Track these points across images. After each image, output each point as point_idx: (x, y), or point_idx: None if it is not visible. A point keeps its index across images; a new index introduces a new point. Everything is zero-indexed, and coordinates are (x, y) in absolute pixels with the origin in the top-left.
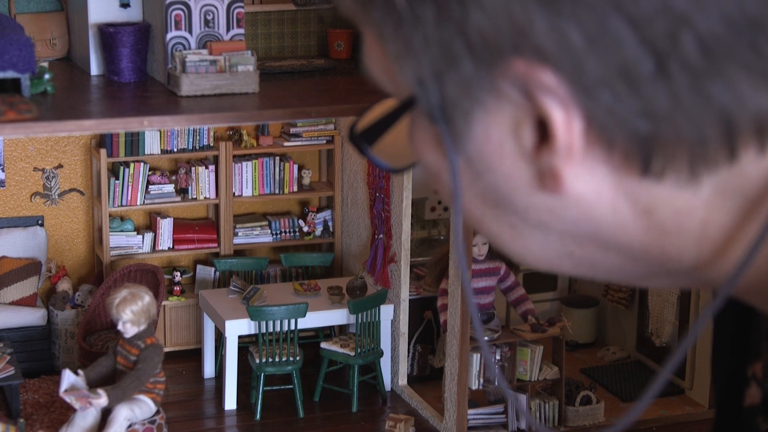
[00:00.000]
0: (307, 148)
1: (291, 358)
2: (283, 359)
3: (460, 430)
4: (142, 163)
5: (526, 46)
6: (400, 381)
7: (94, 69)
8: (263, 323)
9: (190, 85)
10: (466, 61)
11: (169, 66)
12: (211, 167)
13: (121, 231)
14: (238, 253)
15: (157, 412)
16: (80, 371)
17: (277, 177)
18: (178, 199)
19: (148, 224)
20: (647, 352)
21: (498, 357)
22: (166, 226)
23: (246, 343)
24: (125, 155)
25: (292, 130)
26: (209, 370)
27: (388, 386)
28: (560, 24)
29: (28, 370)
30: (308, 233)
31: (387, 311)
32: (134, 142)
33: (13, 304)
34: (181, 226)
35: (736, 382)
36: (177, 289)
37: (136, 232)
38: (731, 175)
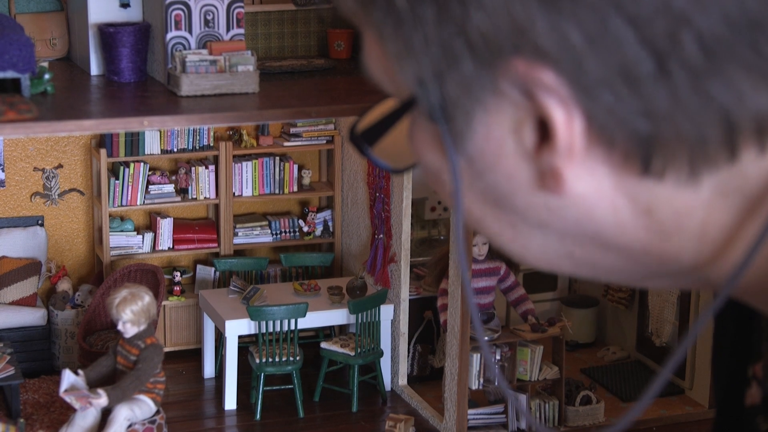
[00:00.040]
0: (307, 148)
1: (291, 358)
2: (283, 359)
3: (460, 430)
4: (142, 163)
5: (526, 46)
6: (400, 381)
7: (94, 69)
8: (263, 323)
9: (190, 85)
10: (467, 61)
11: (169, 66)
12: (211, 167)
13: (121, 231)
14: (238, 253)
15: (157, 412)
16: (80, 371)
17: (277, 177)
18: (178, 199)
19: (148, 224)
20: (647, 352)
21: (498, 357)
22: (166, 226)
23: (246, 343)
24: (125, 155)
25: (292, 130)
26: (209, 370)
27: (388, 386)
28: (561, 24)
29: (28, 370)
30: (308, 233)
31: (387, 311)
32: (134, 142)
33: (13, 304)
34: (181, 226)
35: (737, 382)
36: (177, 289)
37: (136, 232)
38: (731, 175)
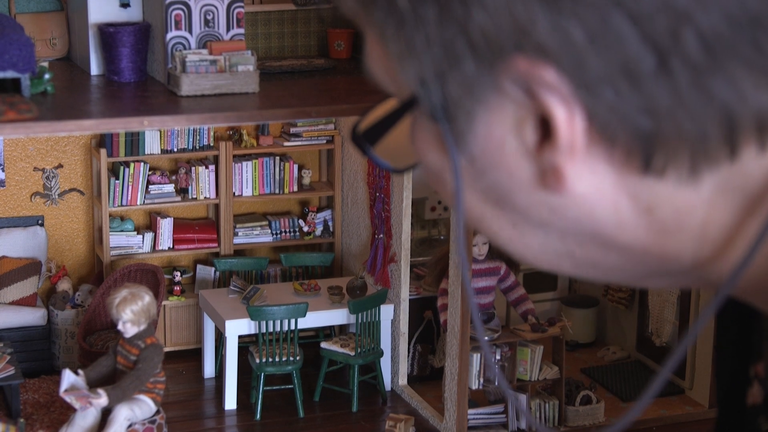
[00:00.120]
0: (307, 148)
1: (291, 358)
2: (283, 359)
3: (460, 430)
4: (142, 163)
5: (528, 44)
6: (400, 381)
7: (94, 69)
8: (263, 323)
9: (190, 85)
10: (468, 61)
11: (169, 66)
12: (211, 167)
13: (121, 231)
14: (238, 252)
15: (157, 412)
16: (80, 371)
17: (277, 177)
18: (178, 199)
19: (148, 224)
20: (647, 352)
21: (498, 357)
22: (166, 226)
23: (246, 343)
24: (125, 155)
25: (292, 130)
26: (209, 370)
27: (388, 386)
28: (562, 21)
29: (28, 370)
30: (308, 233)
31: (387, 311)
32: (134, 142)
33: (13, 304)
34: (181, 226)
35: (739, 381)
36: (177, 288)
37: (136, 232)
38: (732, 173)
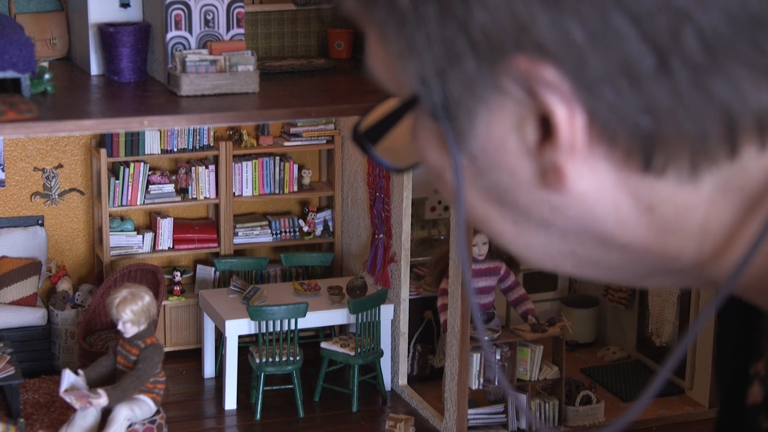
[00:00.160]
0: (307, 147)
1: (291, 358)
2: (283, 359)
3: (460, 430)
4: (142, 163)
5: (528, 43)
6: (400, 381)
7: (94, 69)
8: (263, 323)
9: (190, 85)
10: (469, 59)
11: (169, 66)
12: (211, 167)
13: (121, 231)
14: (238, 252)
15: (157, 412)
16: (80, 371)
17: (277, 177)
18: (178, 199)
19: (148, 224)
20: (647, 352)
21: (498, 357)
22: (166, 226)
23: (246, 343)
24: (125, 155)
25: (292, 130)
26: (209, 370)
27: (388, 386)
28: (562, 20)
29: (28, 370)
30: (308, 233)
31: (387, 311)
32: (134, 142)
33: (13, 304)
34: (181, 226)
35: (739, 380)
36: (177, 288)
37: (136, 232)
38: (732, 172)
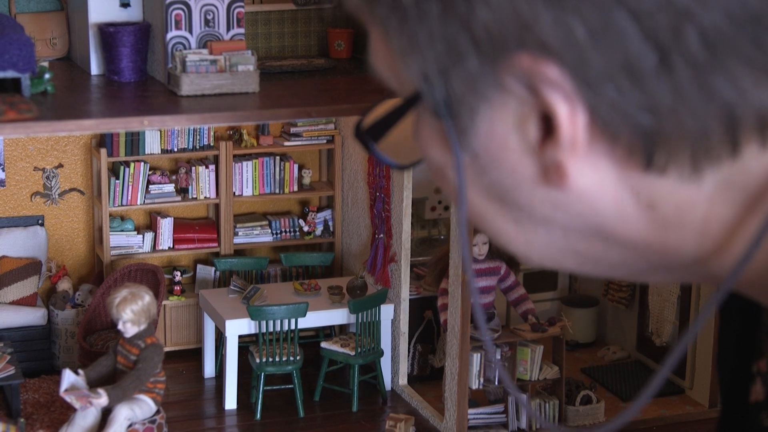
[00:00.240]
0: (308, 147)
1: (291, 358)
2: (284, 359)
3: (460, 430)
4: (143, 163)
5: (530, 41)
6: (401, 381)
7: (94, 69)
8: (263, 323)
9: (190, 85)
10: (472, 57)
11: (170, 66)
12: (212, 167)
13: (122, 231)
14: (239, 252)
15: (158, 412)
16: (80, 371)
17: (278, 177)
18: (179, 198)
19: (149, 224)
20: (647, 352)
21: (498, 356)
22: (166, 226)
23: (246, 343)
24: (125, 155)
25: (293, 130)
26: (209, 370)
27: (388, 386)
28: (564, 18)
29: (29, 369)
30: (308, 233)
31: (387, 311)
32: (134, 142)
33: (13, 303)
34: (182, 226)
35: (741, 378)
36: (177, 288)
37: (136, 232)
38: (733, 170)
